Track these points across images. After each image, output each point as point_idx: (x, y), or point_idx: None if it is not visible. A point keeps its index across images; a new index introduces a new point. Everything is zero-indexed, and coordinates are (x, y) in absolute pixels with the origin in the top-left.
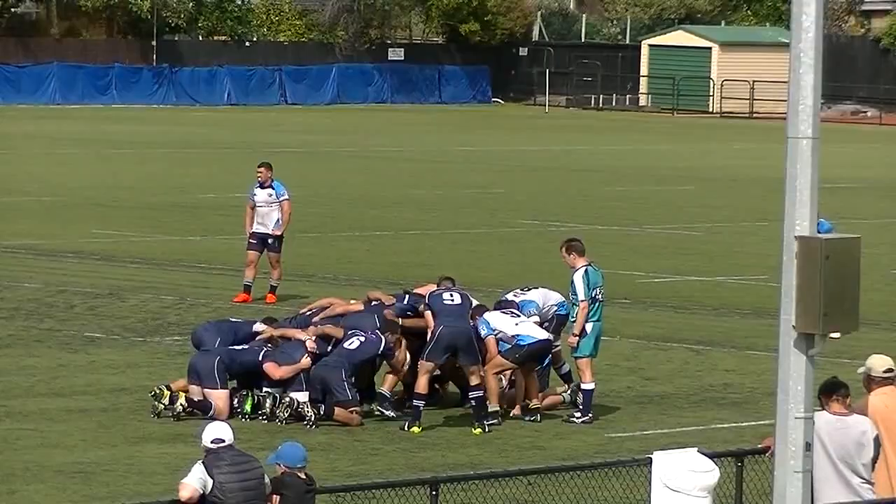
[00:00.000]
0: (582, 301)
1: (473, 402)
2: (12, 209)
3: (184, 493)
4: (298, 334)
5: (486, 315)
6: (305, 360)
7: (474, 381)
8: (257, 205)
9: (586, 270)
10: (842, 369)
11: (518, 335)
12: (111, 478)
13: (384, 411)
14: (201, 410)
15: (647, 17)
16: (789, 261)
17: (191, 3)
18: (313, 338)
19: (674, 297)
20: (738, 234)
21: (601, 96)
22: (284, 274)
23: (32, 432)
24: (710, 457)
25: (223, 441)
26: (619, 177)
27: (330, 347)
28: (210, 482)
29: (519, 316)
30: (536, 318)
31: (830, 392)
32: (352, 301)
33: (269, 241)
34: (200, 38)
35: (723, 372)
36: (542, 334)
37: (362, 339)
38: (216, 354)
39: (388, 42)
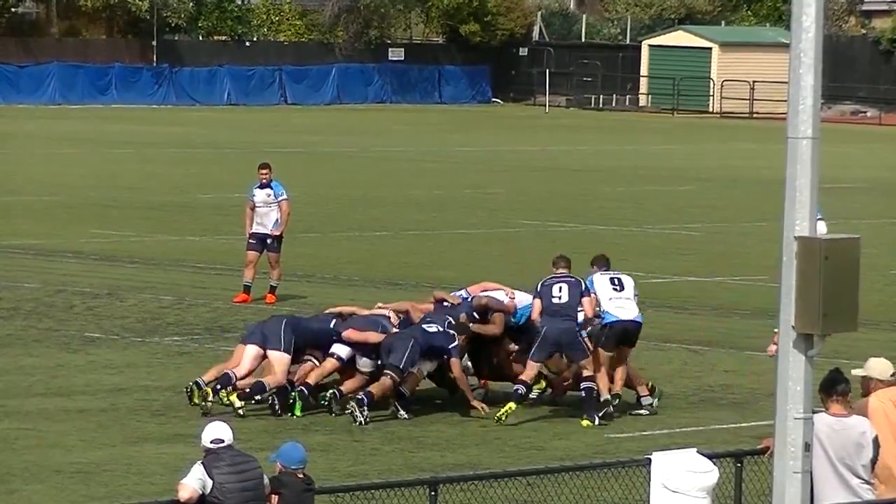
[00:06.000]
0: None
1: (584, 393)
2: (12, 209)
3: (183, 494)
4: (367, 313)
5: (593, 276)
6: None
7: (586, 373)
8: (256, 205)
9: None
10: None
11: (605, 311)
12: (110, 478)
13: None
14: (259, 391)
15: (648, 18)
16: (789, 261)
17: (191, 3)
18: (394, 317)
19: (673, 297)
20: (738, 234)
21: (601, 96)
22: (284, 274)
23: (31, 432)
24: (710, 457)
25: (222, 441)
26: (619, 177)
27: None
28: (209, 482)
29: (618, 290)
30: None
31: (830, 392)
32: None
33: (269, 241)
34: (200, 38)
35: (722, 372)
36: (627, 315)
37: (440, 328)
38: (283, 318)
39: (388, 42)
